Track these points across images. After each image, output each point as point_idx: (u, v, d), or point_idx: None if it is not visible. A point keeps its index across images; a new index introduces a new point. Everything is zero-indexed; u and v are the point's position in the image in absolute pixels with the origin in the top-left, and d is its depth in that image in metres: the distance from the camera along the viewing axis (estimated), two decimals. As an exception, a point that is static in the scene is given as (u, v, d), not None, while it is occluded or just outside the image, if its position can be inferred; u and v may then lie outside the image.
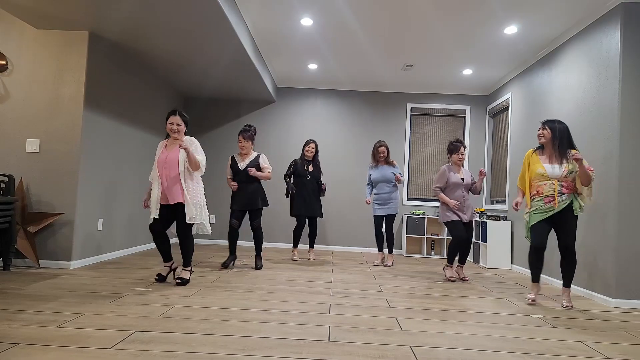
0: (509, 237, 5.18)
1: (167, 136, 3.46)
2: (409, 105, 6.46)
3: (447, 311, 2.88)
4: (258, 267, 4.27)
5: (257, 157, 4.24)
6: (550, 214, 3.12)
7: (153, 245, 5.57)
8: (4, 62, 3.90)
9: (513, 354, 2.09)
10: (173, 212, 3.35)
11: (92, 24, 3.79)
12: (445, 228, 6.04)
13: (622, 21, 3.40)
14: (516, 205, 3.26)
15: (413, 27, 4.22)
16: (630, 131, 3.36)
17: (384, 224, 4.91)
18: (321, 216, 5.06)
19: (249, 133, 4.22)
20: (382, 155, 4.90)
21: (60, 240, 3.85)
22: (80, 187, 3.92)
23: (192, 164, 3.27)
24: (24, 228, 3.74)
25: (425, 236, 6.12)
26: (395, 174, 4.81)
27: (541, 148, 3.31)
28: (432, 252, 6.18)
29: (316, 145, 5.07)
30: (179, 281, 3.32)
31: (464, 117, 6.46)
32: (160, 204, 3.32)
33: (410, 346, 2.12)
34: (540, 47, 4.55)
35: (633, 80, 3.38)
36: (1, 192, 3.62)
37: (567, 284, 3.18)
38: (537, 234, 3.17)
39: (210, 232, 3.49)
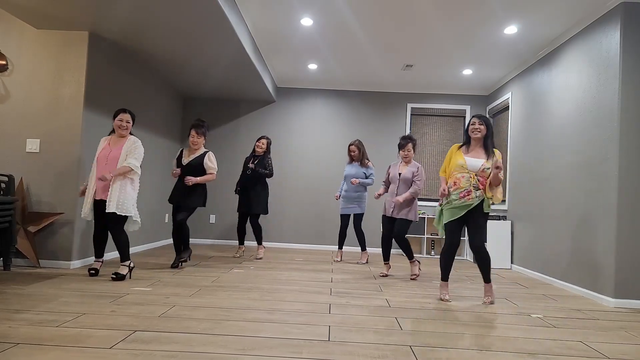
0: (509, 237, 5.18)
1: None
2: (409, 105, 6.46)
3: (447, 311, 2.88)
4: (180, 261, 4.00)
5: (203, 155, 4.09)
6: (465, 211, 3.11)
7: (152, 245, 5.58)
8: (4, 62, 3.90)
9: (513, 353, 2.09)
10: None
11: (92, 24, 3.80)
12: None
13: (622, 21, 3.40)
14: (444, 191, 3.19)
15: (413, 27, 4.22)
16: (630, 131, 3.36)
17: (352, 224, 4.97)
18: (261, 213, 4.79)
19: (202, 129, 4.11)
20: (352, 153, 5.02)
21: (60, 240, 3.85)
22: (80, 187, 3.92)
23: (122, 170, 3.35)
24: (24, 228, 3.74)
25: (425, 236, 6.12)
26: (357, 178, 4.86)
27: (467, 144, 3.31)
28: (432, 252, 6.17)
29: (268, 143, 4.91)
30: (114, 276, 3.34)
31: (464, 117, 6.46)
32: (95, 200, 3.39)
33: (410, 346, 2.13)
34: (540, 47, 4.56)
35: (633, 80, 3.38)
36: (1, 192, 3.62)
37: (486, 279, 3.20)
38: (451, 231, 3.20)
39: (137, 228, 3.51)
